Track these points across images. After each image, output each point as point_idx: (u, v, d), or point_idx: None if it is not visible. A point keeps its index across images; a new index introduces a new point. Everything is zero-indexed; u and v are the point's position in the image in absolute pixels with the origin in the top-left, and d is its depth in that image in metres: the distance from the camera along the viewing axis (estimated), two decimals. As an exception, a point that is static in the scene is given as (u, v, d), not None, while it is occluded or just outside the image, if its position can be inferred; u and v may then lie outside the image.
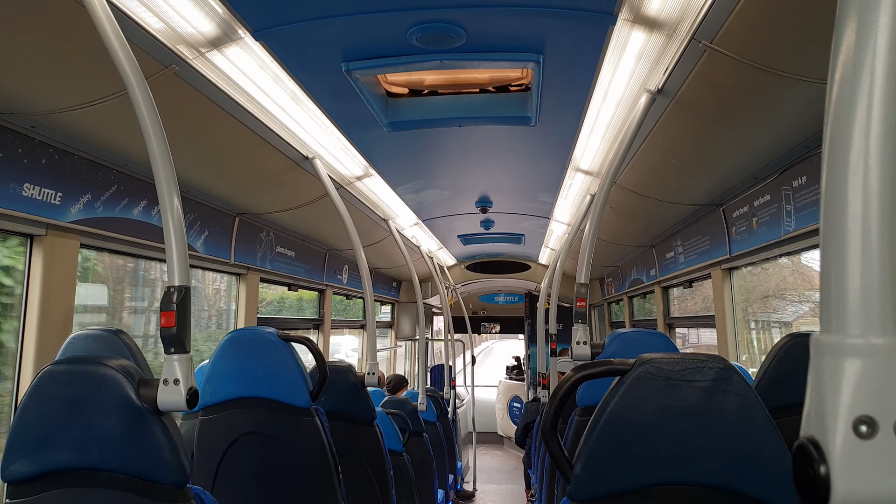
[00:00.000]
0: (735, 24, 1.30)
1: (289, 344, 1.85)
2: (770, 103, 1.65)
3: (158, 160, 1.11)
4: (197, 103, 1.76)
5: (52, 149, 1.80)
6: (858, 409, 0.47)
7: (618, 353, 1.76)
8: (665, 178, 2.60)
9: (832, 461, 0.47)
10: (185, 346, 1.08)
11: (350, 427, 2.35)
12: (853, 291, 0.47)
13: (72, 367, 1.01)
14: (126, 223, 2.14)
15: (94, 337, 1.61)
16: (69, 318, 1.92)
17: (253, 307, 3.21)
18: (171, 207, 1.10)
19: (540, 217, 4.24)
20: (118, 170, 2.08)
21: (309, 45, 1.62)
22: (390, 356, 6.67)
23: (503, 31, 1.60)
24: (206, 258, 2.74)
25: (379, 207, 3.56)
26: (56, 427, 0.99)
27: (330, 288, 4.36)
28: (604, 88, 1.91)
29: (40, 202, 1.77)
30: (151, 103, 1.12)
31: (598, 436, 0.93)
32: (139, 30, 1.38)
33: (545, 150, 2.67)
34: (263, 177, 2.55)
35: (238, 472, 1.82)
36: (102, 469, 1.00)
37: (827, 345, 0.49)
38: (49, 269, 1.84)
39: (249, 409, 1.81)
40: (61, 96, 1.58)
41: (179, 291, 1.08)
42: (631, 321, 5.20)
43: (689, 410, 0.90)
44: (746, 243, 2.58)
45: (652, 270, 4.14)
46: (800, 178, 2.07)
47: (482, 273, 6.71)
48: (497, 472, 7.09)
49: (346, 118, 2.17)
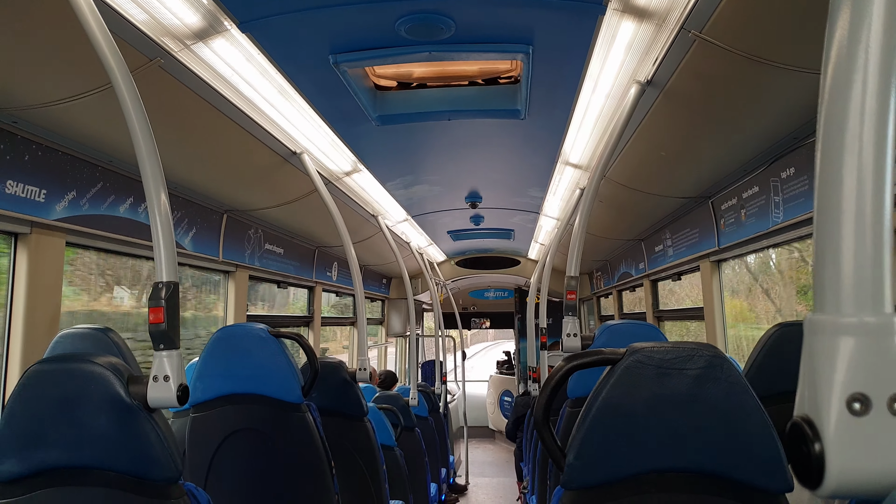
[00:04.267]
0: (724, 13, 1.31)
1: (279, 340, 1.84)
2: (759, 93, 1.66)
3: (145, 155, 1.10)
4: (183, 97, 1.74)
5: (36, 145, 1.77)
6: (852, 386, 0.48)
7: (608, 345, 1.77)
8: (654, 172, 2.61)
9: (826, 439, 0.48)
10: (174, 343, 1.07)
11: (342, 422, 2.34)
12: (846, 271, 0.48)
13: (60, 366, 1.00)
14: (113, 220, 2.11)
15: (83, 335, 1.59)
16: (56, 317, 1.89)
17: (242, 305, 3.18)
18: (158, 203, 1.09)
19: (529, 212, 4.24)
20: (104, 166, 2.04)
21: (296, 37, 1.60)
22: (381, 353, 6.66)
23: (492, 22, 1.60)
24: (195, 255, 2.71)
25: (368, 203, 3.54)
26: (45, 426, 0.98)
27: (319, 285, 4.34)
28: (593, 80, 1.91)
29: (24, 199, 1.74)
30: (137, 97, 1.10)
31: (590, 425, 0.93)
32: (123, 22, 1.36)
33: (535, 143, 2.67)
34: (251, 173, 2.53)
35: (231, 469, 1.81)
36: (93, 467, 0.99)
37: (820, 324, 0.50)
38: (35, 267, 1.81)
39: (241, 405, 1.80)
40: (44, 91, 1.55)
41: (168, 287, 1.07)
42: (620, 315, 5.23)
43: (680, 398, 0.91)
44: (735, 235, 2.60)
45: (641, 264, 4.17)
46: (788, 170, 2.09)
47: (472, 269, 6.71)
48: (489, 466, 7.12)
49: (335, 112, 2.15)
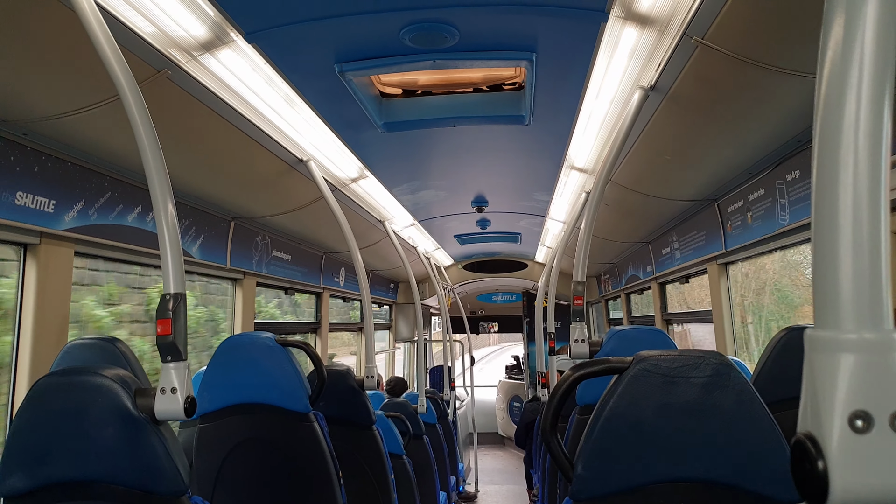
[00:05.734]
0: (726, 19, 1.31)
1: (286, 349, 1.84)
2: (762, 98, 1.65)
3: (152, 165, 1.11)
4: (190, 107, 1.75)
5: (45, 156, 1.79)
6: (853, 403, 0.47)
7: (616, 351, 1.76)
8: (659, 175, 2.60)
9: (829, 456, 0.47)
10: (181, 354, 1.07)
11: (350, 431, 2.34)
12: (845, 287, 0.47)
13: (67, 379, 1.00)
14: (121, 230, 2.13)
15: (91, 345, 1.60)
16: (64, 328, 1.90)
17: (250, 312, 3.19)
18: (165, 213, 1.09)
19: (536, 215, 4.24)
20: (112, 176, 2.06)
21: (301, 46, 1.62)
22: (388, 358, 6.65)
23: (496, 29, 1.60)
24: (202, 263, 2.72)
25: (375, 209, 3.55)
26: (52, 439, 0.98)
27: (327, 291, 4.35)
28: (597, 86, 1.91)
29: (33, 210, 1.76)
30: (144, 108, 1.11)
31: (597, 435, 0.92)
32: (130, 34, 1.37)
33: (540, 148, 2.67)
34: (258, 180, 2.54)
35: (238, 480, 1.81)
36: (100, 481, 0.98)
37: (821, 340, 0.49)
38: (43, 277, 1.83)
39: (248, 415, 1.80)
40: (53, 103, 1.57)
41: (175, 299, 1.06)
42: (628, 318, 5.20)
43: (687, 407, 0.90)
44: (742, 238, 2.59)
45: (648, 266, 4.15)
46: (793, 172, 2.08)
47: (479, 272, 6.69)
48: (499, 473, 7.07)
49: (340, 120, 2.16)
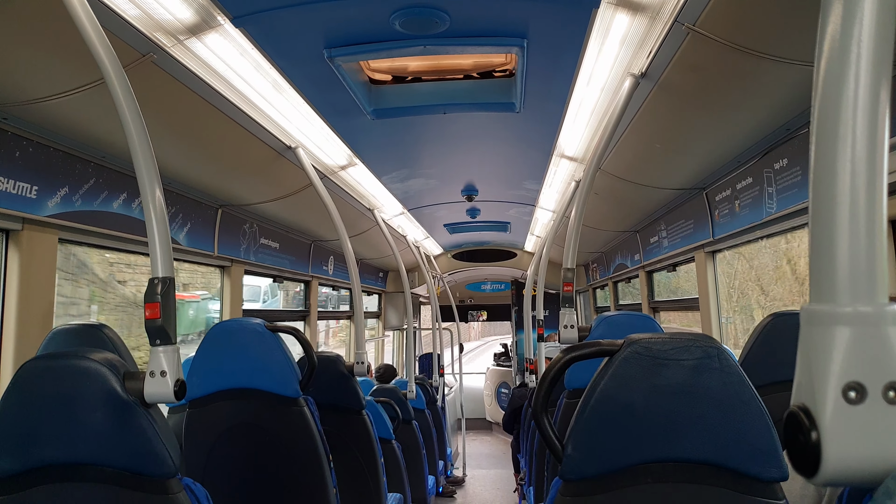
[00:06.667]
0: (717, 6, 1.31)
1: (276, 334, 1.83)
2: (752, 86, 1.66)
3: (139, 151, 1.09)
4: (176, 92, 1.72)
5: (27, 141, 1.75)
6: (847, 375, 0.48)
7: (605, 336, 1.78)
8: (649, 163, 2.62)
9: (823, 427, 0.48)
10: (170, 338, 1.07)
11: (339, 416, 2.35)
12: (842, 261, 0.48)
13: (54, 362, 0.99)
14: (106, 216, 2.10)
15: (76, 331, 1.59)
16: (49, 314, 1.88)
17: (238, 299, 3.17)
18: (152, 198, 1.09)
19: (525, 205, 4.25)
20: (96, 162, 2.03)
21: (290, 31, 1.59)
22: (378, 346, 6.67)
23: (486, 15, 1.59)
24: (190, 251, 2.70)
25: (364, 197, 3.54)
26: (40, 423, 0.97)
27: (315, 279, 4.34)
28: (588, 73, 1.90)
29: (15, 196, 1.73)
30: (130, 93, 1.10)
31: (588, 416, 0.94)
32: (115, 17, 1.35)
33: (530, 136, 2.66)
34: (246, 167, 2.52)
35: (228, 464, 1.81)
36: (90, 463, 0.99)
37: (816, 314, 0.50)
38: (27, 264, 1.80)
39: (238, 400, 1.80)
40: (35, 86, 1.54)
41: (164, 283, 1.07)
42: (616, 306, 5.25)
43: (677, 389, 0.91)
44: (729, 226, 2.62)
45: (636, 255, 4.18)
46: (781, 161, 2.10)
47: (469, 262, 6.71)
48: (486, 458, 7.14)
49: (329, 106, 2.14)
